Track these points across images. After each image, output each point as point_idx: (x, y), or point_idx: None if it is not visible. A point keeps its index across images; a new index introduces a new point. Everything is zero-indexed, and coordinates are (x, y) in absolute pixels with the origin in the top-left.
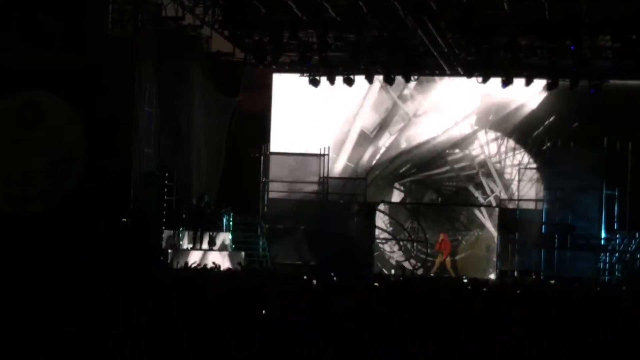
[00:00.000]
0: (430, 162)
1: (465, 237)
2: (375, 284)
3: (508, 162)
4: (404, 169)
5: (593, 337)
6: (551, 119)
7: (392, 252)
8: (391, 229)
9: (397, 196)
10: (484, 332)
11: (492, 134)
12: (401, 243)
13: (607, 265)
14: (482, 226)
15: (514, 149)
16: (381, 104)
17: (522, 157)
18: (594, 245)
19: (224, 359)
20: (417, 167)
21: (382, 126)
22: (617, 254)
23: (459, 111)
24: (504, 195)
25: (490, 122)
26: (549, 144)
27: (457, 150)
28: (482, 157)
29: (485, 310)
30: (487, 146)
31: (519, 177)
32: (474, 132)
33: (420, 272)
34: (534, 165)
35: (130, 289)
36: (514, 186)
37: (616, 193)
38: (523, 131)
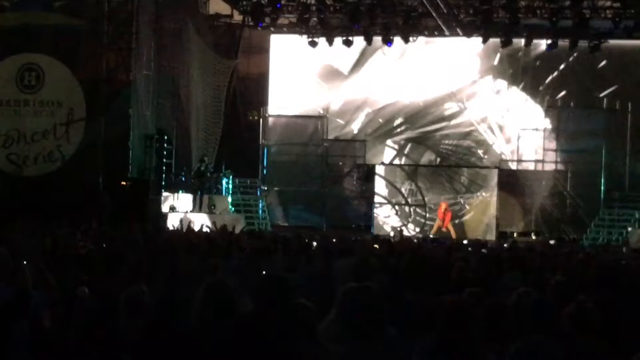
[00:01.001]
0: (426, 115)
1: (468, 199)
2: (375, 245)
3: (509, 118)
4: (396, 124)
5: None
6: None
7: (387, 217)
8: (387, 191)
9: (389, 155)
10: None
11: (495, 83)
12: (397, 207)
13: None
14: (486, 187)
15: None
16: (379, 65)
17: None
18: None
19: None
20: (410, 122)
21: (378, 84)
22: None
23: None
24: (505, 155)
25: (495, 69)
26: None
27: (454, 104)
28: (482, 112)
29: (484, 271)
30: (489, 99)
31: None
32: (473, 83)
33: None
34: (536, 126)
35: (129, 250)
36: (514, 145)
37: None
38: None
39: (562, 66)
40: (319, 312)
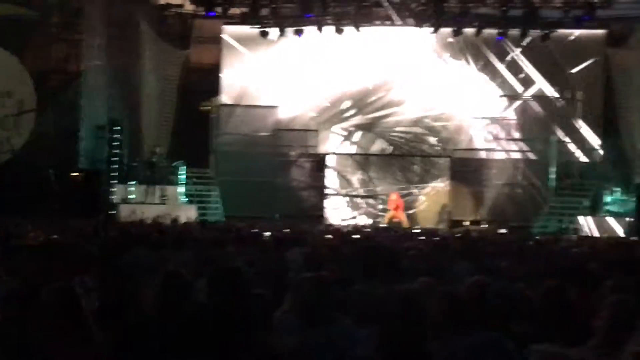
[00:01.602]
0: (375, 101)
1: (421, 189)
2: (327, 235)
3: (462, 106)
4: (344, 109)
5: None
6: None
7: (338, 207)
8: (339, 181)
9: (338, 142)
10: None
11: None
12: (348, 198)
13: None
14: (440, 176)
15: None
16: (331, 53)
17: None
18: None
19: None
20: (359, 107)
21: (329, 72)
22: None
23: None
24: (457, 144)
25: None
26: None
27: (404, 90)
28: (433, 100)
29: (436, 260)
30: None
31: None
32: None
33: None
34: (488, 114)
35: (80, 241)
36: (467, 134)
37: None
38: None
39: (514, 54)
40: (273, 302)
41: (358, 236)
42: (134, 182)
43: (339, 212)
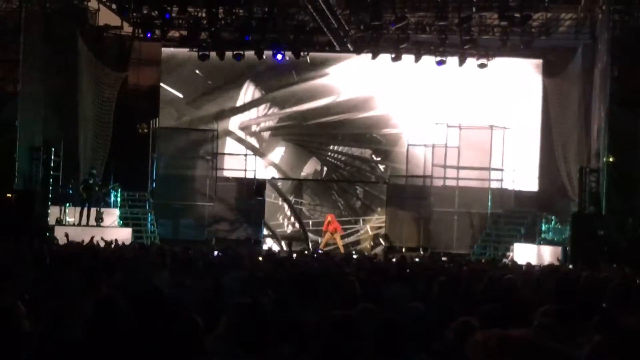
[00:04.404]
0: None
1: (359, 215)
2: (261, 258)
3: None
4: (284, 127)
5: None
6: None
7: (274, 232)
8: (278, 205)
9: (279, 152)
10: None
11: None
12: (286, 222)
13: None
14: (377, 202)
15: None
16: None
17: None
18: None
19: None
20: (297, 128)
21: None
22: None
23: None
24: (394, 171)
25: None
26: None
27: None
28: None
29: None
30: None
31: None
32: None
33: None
34: (425, 142)
35: (16, 263)
36: (403, 161)
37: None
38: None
39: (452, 83)
40: (206, 326)
41: (294, 261)
42: (69, 204)
43: (277, 235)
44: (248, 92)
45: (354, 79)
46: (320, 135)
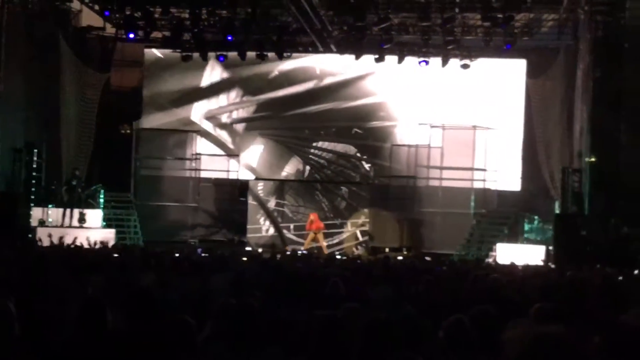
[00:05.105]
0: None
1: (343, 216)
2: (245, 258)
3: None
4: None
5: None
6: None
7: (257, 233)
8: (261, 205)
9: (258, 149)
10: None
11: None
12: (269, 223)
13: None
14: (361, 203)
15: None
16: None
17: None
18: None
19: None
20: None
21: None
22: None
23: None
24: (377, 171)
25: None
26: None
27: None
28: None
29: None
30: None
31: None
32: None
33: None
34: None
35: None
36: (388, 161)
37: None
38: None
39: (434, 83)
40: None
41: (279, 261)
42: (52, 206)
43: (261, 236)
44: (215, 71)
45: (336, 60)
46: (301, 129)
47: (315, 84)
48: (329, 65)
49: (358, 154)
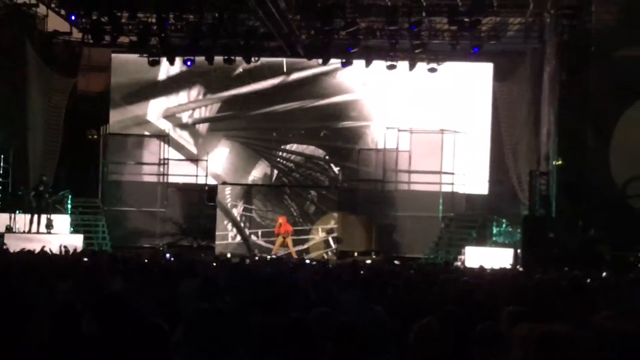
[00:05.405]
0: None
1: (311, 220)
2: (215, 264)
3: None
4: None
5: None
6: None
7: (225, 238)
8: (229, 210)
9: (223, 152)
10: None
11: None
12: (236, 228)
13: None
14: (329, 207)
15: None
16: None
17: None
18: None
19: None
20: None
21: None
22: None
23: None
24: (346, 174)
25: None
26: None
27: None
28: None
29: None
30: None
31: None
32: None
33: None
34: (375, 146)
35: None
36: (356, 164)
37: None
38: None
39: (402, 87)
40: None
41: (247, 266)
42: (19, 211)
43: (228, 242)
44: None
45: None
46: (268, 131)
47: (283, 79)
48: (296, 60)
49: (327, 157)
